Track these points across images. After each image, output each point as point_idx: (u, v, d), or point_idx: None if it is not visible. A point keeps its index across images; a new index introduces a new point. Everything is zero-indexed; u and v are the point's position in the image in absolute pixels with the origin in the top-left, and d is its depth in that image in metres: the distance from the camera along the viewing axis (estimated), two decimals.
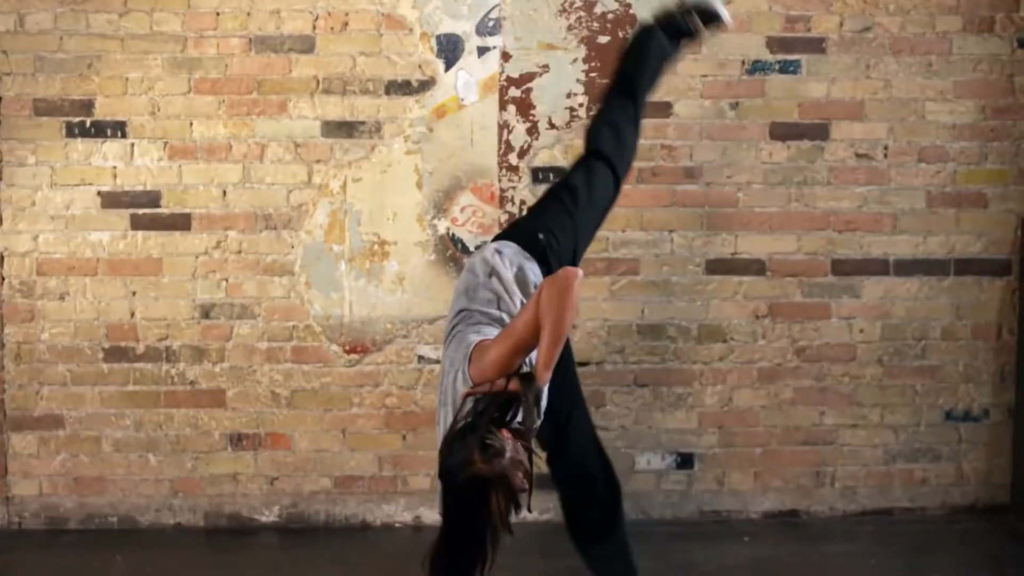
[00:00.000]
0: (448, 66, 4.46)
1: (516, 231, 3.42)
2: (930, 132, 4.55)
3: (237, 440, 4.54)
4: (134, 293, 4.48)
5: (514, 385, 2.86)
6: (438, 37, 4.46)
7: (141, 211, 4.46)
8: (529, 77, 4.47)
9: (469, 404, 2.88)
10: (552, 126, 4.49)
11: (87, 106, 4.43)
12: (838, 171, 4.55)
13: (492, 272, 3.19)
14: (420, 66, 4.46)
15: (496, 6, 4.46)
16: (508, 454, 2.78)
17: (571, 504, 3.56)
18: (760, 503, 4.63)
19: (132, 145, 4.45)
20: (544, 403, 3.05)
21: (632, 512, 4.57)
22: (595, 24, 4.47)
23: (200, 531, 4.54)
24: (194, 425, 4.52)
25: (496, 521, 2.80)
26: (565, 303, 2.79)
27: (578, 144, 4.45)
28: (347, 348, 4.52)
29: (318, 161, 4.47)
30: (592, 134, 3.57)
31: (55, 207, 4.45)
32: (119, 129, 4.44)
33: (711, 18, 3.69)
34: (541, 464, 3.22)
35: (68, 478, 4.52)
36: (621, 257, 4.51)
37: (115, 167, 4.45)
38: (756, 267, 4.55)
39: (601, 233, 4.45)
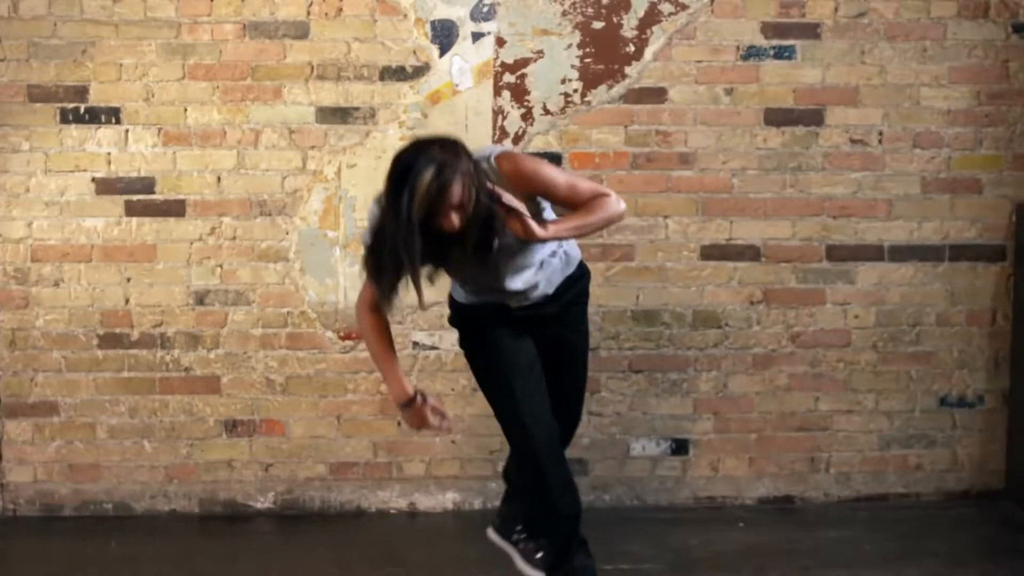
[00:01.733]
0: (443, 52, 4.46)
1: None
2: (925, 118, 4.54)
3: (232, 427, 4.53)
4: (128, 279, 4.48)
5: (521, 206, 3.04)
6: (433, 23, 4.45)
7: (135, 197, 4.45)
8: (524, 63, 4.47)
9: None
10: (547, 112, 4.48)
11: (81, 92, 4.42)
12: (833, 157, 4.54)
13: None
14: (415, 52, 4.46)
15: None
16: (464, 166, 2.94)
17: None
18: (755, 489, 4.64)
19: (126, 131, 4.44)
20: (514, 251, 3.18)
21: (627, 498, 4.60)
22: (590, 9, 4.46)
23: (195, 518, 4.54)
24: (189, 412, 4.52)
25: (417, 203, 2.88)
26: (606, 221, 3.22)
27: (573, 130, 4.48)
28: (342, 334, 4.52)
29: (312, 147, 4.47)
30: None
31: (49, 193, 4.44)
32: (113, 115, 4.43)
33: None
34: None
35: (63, 465, 4.52)
36: (616, 243, 4.51)
37: (109, 153, 4.44)
38: (751, 253, 4.55)
39: None
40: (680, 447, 4.61)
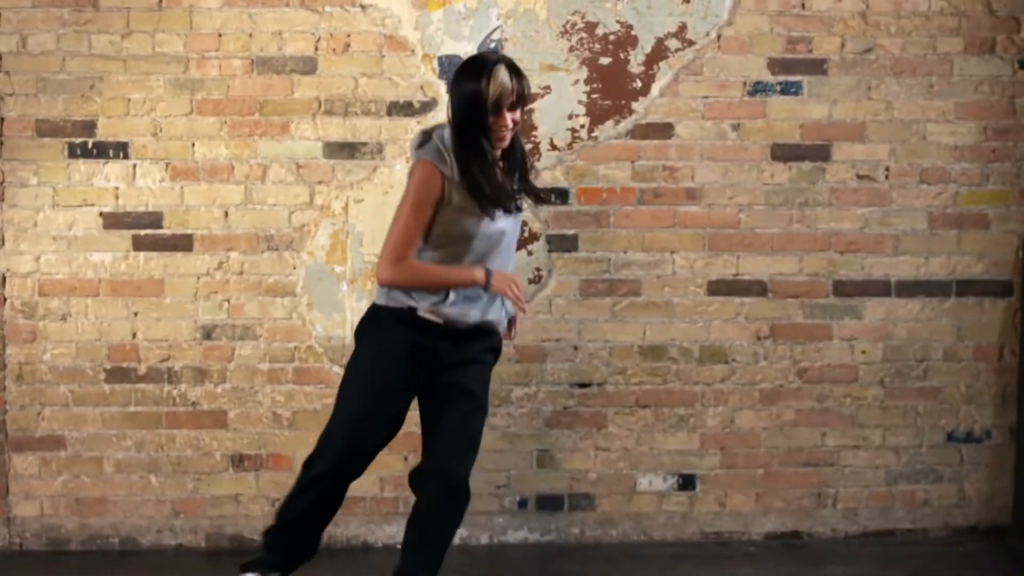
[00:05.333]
0: None
1: None
2: (931, 153, 4.56)
3: (239, 461, 4.53)
4: (136, 314, 4.48)
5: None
6: (440, 58, 4.46)
7: (143, 232, 4.46)
8: (531, 98, 4.47)
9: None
10: (554, 147, 4.49)
11: (89, 127, 4.44)
12: (839, 192, 4.55)
13: None
14: (422, 87, 4.47)
15: (498, 27, 4.47)
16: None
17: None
18: (762, 524, 4.63)
19: (134, 166, 4.45)
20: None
21: (633, 533, 4.59)
22: (596, 45, 4.47)
23: (201, 552, 4.54)
24: (195, 446, 4.52)
25: (485, 98, 3.32)
26: None
27: (580, 165, 4.49)
28: None
29: (320, 182, 4.48)
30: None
31: (57, 228, 4.45)
32: (121, 150, 4.45)
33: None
34: None
35: (69, 499, 4.52)
36: (623, 278, 4.51)
37: (117, 188, 4.46)
38: (758, 288, 4.55)
39: (603, 255, 4.51)
40: (687, 482, 4.60)
